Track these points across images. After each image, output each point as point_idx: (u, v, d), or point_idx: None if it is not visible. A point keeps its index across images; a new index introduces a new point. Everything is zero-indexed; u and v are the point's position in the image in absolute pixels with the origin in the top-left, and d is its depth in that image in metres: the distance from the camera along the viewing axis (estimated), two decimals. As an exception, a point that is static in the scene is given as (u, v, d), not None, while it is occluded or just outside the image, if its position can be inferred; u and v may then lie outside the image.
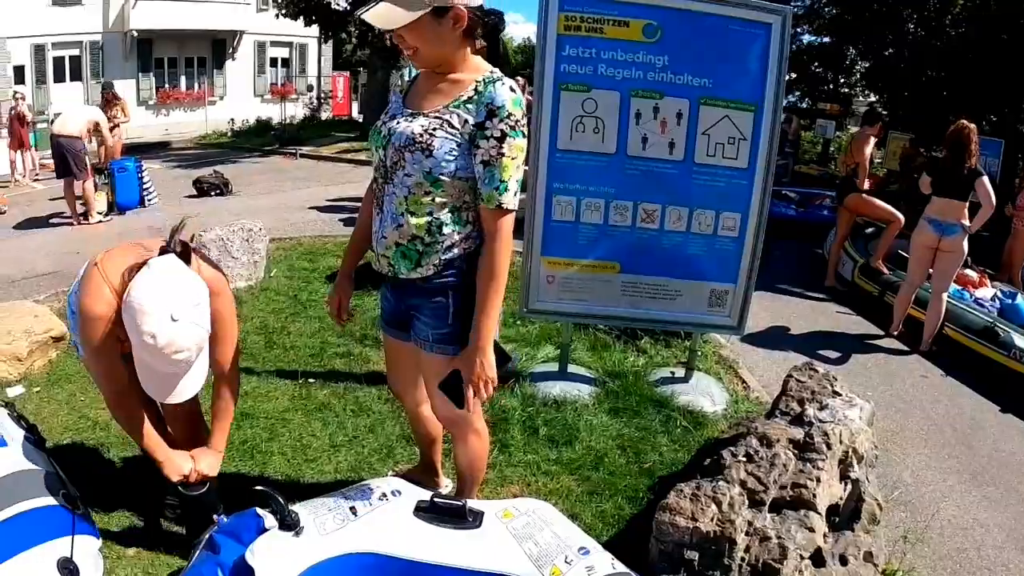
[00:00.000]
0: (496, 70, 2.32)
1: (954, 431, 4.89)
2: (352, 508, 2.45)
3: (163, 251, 2.46)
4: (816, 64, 22.09)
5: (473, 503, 2.48)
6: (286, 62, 31.30)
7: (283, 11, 20.04)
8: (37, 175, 16.32)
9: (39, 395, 4.51)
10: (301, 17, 20.01)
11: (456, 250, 2.37)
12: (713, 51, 3.95)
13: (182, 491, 2.77)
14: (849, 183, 8.04)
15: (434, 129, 2.24)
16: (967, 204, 6.13)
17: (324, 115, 27.99)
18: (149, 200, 11.73)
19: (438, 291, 2.41)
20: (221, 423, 2.87)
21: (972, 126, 6.19)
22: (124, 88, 24.96)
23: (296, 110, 27.99)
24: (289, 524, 2.31)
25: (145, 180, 11.71)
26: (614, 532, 3.15)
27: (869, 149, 7.98)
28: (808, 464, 2.77)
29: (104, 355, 2.52)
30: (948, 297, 6.38)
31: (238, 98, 28.51)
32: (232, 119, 25.07)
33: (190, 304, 2.33)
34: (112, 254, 2.55)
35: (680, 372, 4.71)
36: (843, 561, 2.59)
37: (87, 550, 2.51)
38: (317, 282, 6.76)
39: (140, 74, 26.48)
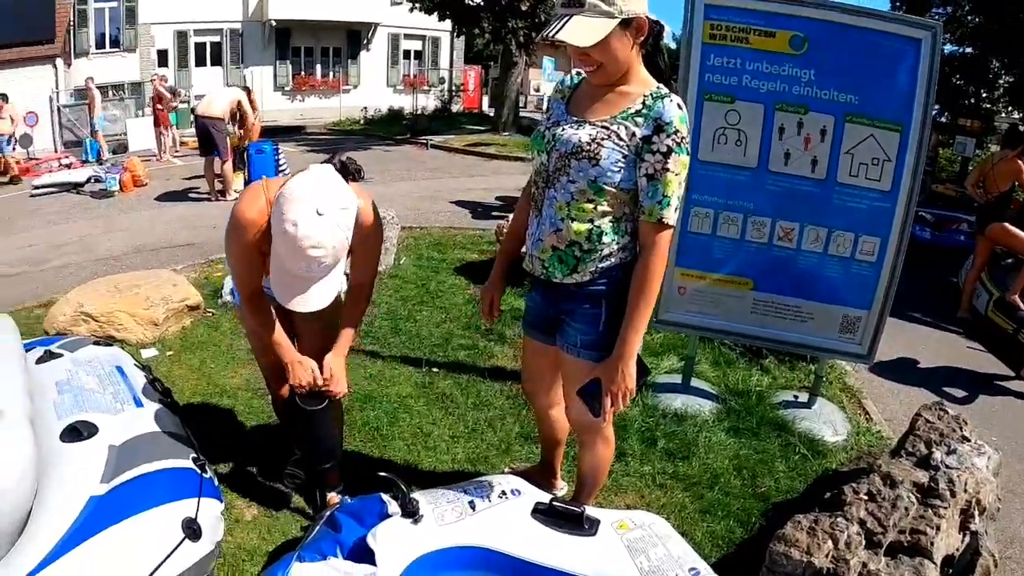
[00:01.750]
0: (662, 86, 2.30)
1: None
2: (471, 503, 2.49)
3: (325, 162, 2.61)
4: (957, 76, 20.92)
5: (591, 511, 2.49)
6: (419, 54, 32.04)
7: (418, 5, 20.44)
8: (177, 152, 17.32)
9: (171, 359, 4.76)
10: (436, 12, 20.40)
11: (613, 259, 2.39)
12: (860, 66, 3.79)
13: (302, 405, 2.79)
14: (992, 210, 7.60)
15: (602, 139, 2.25)
16: None
17: (454, 108, 28.44)
18: None
19: (591, 298, 2.43)
20: (344, 339, 2.91)
21: None
22: (261, 74, 26.37)
23: (427, 101, 28.57)
24: (410, 512, 2.36)
25: (281, 162, 12.07)
26: (723, 554, 3.09)
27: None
28: (930, 510, 2.64)
29: (245, 258, 2.66)
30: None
31: (371, 88, 29.42)
32: (365, 108, 25.86)
33: (337, 206, 2.38)
34: (277, 179, 2.68)
35: (803, 396, 4.56)
36: None
37: (211, 512, 2.63)
38: (445, 272, 6.87)
39: (277, 61, 27.72)
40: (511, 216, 2.95)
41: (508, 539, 2.39)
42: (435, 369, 4.71)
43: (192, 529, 2.49)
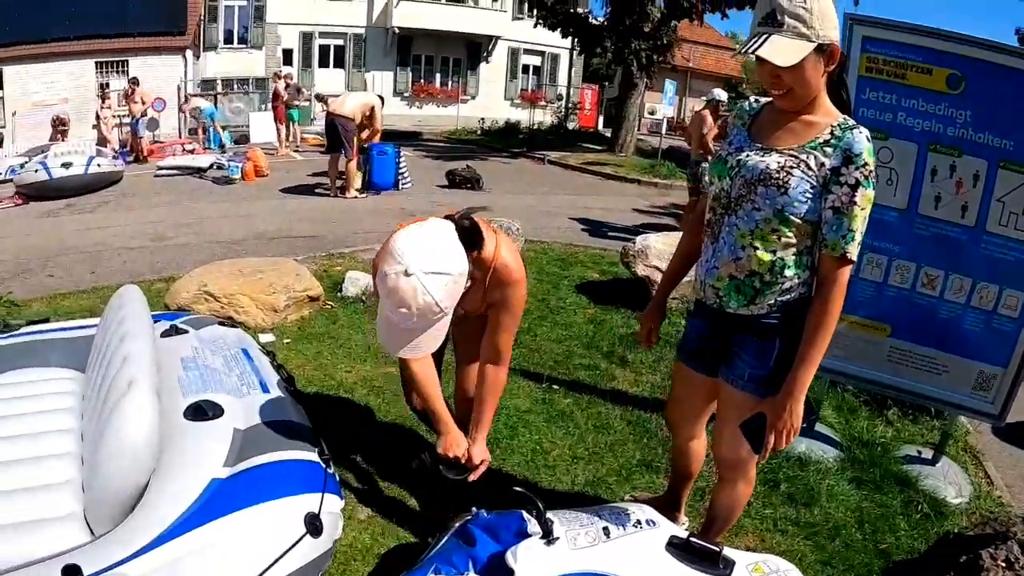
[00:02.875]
0: (848, 117, 2.25)
1: None
2: (606, 529, 2.43)
3: (448, 217, 2.56)
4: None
5: (727, 551, 2.41)
6: (537, 70, 32.53)
7: (541, 21, 20.68)
8: (297, 147, 17.92)
9: (288, 347, 4.86)
10: (559, 28, 20.61)
11: (793, 293, 2.33)
12: (1017, 110, 3.60)
13: (444, 471, 2.82)
14: None
15: (791, 168, 2.20)
16: None
17: (570, 125, 28.50)
18: (403, 184, 12.65)
19: (766, 331, 2.38)
20: (484, 419, 2.90)
21: None
22: (382, 79, 27.17)
23: (543, 117, 29.16)
24: (547, 532, 2.32)
25: (401, 165, 12.61)
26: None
27: None
28: None
29: None
30: None
31: (489, 99, 30.06)
32: (482, 119, 26.33)
33: (429, 268, 2.33)
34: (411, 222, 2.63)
35: (927, 453, 4.34)
36: None
37: (332, 509, 2.61)
38: (566, 289, 6.84)
39: (398, 68, 28.68)
40: (641, 239, 2.89)
41: (641, 571, 2.32)
42: (555, 386, 4.67)
43: (314, 525, 2.47)
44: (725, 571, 2.34)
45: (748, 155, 2.31)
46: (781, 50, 2.09)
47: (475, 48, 29.94)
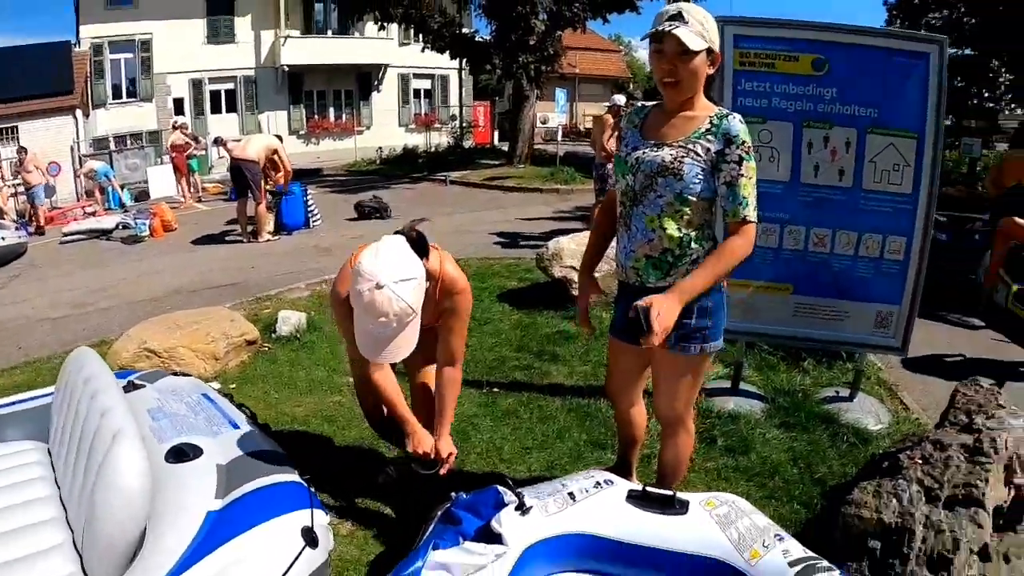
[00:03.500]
0: (722, 107, 2.72)
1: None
2: (571, 494, 2.70)
3: (397, 232, 2.91)
4: (959, 79, 21.27)
5: (680, 494, 2.72)
6: (428, 93, 32.79)
7: (429, 45, 20.91)
8: (200, 197, 17.86)
9: (235, 391, 4.93)
10: (448, 51, 20.96)
11: (701, 262, 2.69)
12: (877, 82, 4.14)
13: (416, 468, 3.11)
14: (1003, 205, 7.92)
15: (682, 157, 2.62)
16: None
17: (466, 144, 28.86)
18: (314, 222, 12.61)
19: None
20: (446, 414, 3.24)
21: None
22: (276, 119, 26.93)
23: (440, 139, 29.29)
24: (521, 504, 2.58)
25: (310, 203, 12.60)
26: (794, 532, 3.34)
27: None
28: (978, 467, 2.93)
29: (349, 331, 2.95)
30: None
31: (384, 128, 30.06)
32: (380, 148, 26.28)
33: (397, 277, 2.66)
34: (357, 252, 2.93)
35: (844, 392, 4.86)
36: (1007, 559, 2.74)
37: (321, 522, 2.77)
38: (489, 300, 7.16)
39: (291, 106, 28.44)
40: (553, 242, 3.23)
41: (609, 524, 2.62)
42: (495, 389, 4.98)
43: (311, 537, 2.61)
44: (681, 510, 2.65)
45: (644, 152, 2.72)
46: (688, 37, 2.52)
47: (365, 78, 30.08)
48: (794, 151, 4.24)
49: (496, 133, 32.18)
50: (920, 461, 2.98)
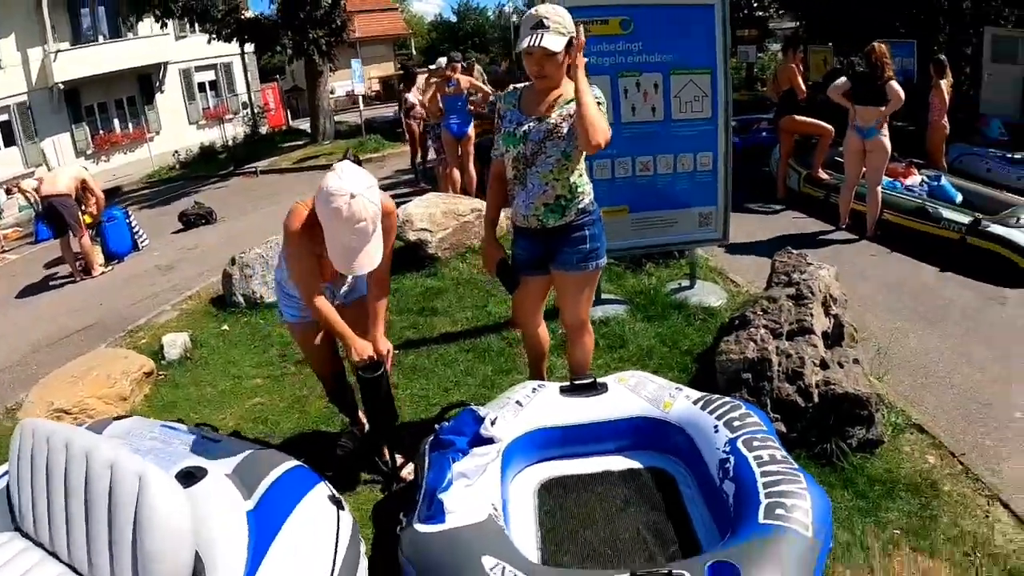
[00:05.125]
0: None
1: (904, 289, 6.23)
2: (518, 402, 3.29)
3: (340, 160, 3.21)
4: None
5: (599, 378, 3.45)
6: (214, 84, 31.17)
7: (215, 35, 19.91)
8: (5, 249, 15.46)
9: None
10: (235, 38, 20.11)
11: (586, 199, 3.56)
12: (674, 33, 5.11)
13: (363, 375, 3.44)
14: (781, 107, 9.32)
15: (561, 122, 3.38)
16: (883, 109, 7.36)
17: (263, 130, 27.91)
18: (142, 243, 11.79)
19: (579, 228, 3.56)
20: (379, 318, 3.57)
21: (883, 47, 7.47)
22: (59, 144, 24.49)
23: (235, 130, 28.11)
24: (492, 419, 3.09)
25: (134, 225, 11.78)
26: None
27: (799, 77, 9.18)
28: (803, 307, 4.05)
29: (308, 268, 3.30)
30: (883, 188, 7.67)
31: (174, 129, 28.42)
32: (176, 152, 24.92)
33: (364, 185, 3.00)
34: (308, 197, 3.25)
35: (685, 283, 5.97)
36: (840, 365, 3.86)
37: (334, 492, 2.97)
38: (354, 279, 7.48)
39: (73, 125, 25.63)
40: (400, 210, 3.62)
41: (555, 416, 3.24)
42: (395, 351, 5.27)
43: (338, 502, 2.86)
44: (603, 389, 3.36)
45: (529, 125, 3.42)
46: (550, 41, 3.18)
47: (146, 81, 28.10)
48: (614, 97, 5.15)
49: (288, 113, 31.50)
50: (761, 312, 4.04)
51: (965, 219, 6.88)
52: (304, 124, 26.63)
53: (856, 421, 3.66)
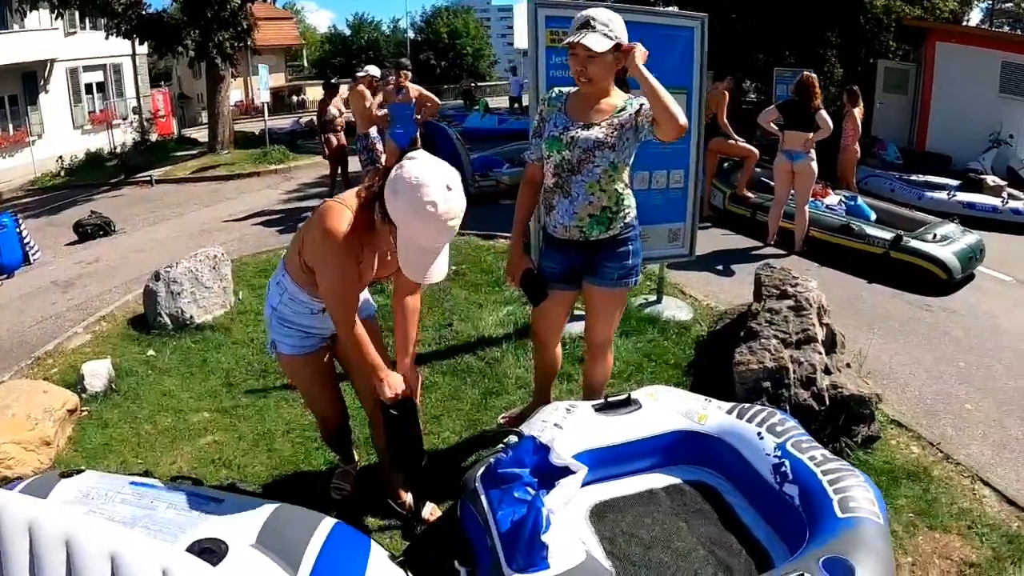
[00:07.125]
0: (630, 93, 3.41)
1: (841, 301, 6.63)
2: (556, 424, 3.11)
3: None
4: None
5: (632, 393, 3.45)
6: (101, 86, 29.55)
7: (114, 31, 18.75)
8: None
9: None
10: (135, 35, 19.18)
11: (631, 214, 3.50)
12: (658, 51, 5.15)
13: (392, 411, 2.95)
14: (709, 130, 9.67)
15: (612, 133, 3.29)
16: (810, 136, 7.97)
17: (152, 137, 26.42)
18: (34, 256, 10.77)
19: (623, 243, 3.50)
20: (411, 344, 3.17)
21: (813, 77, 8.12)
22: None
23: (124, 136, 26.73)
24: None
25: (25, 236, 10.71)
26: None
27: (724, 105, 9.74)
28: (804, 317, 4.29)
29: (352, 274, 2.78)
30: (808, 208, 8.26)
31: (58, 133, 26.66)
32: (60, 157, 23.06)
33: (456, 177, 2.56)
34: (337, 196, 2.83)
35: (652, 298, 6.13)
36: (839, 370, 4.18)
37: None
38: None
39: None
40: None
41: (596, 436, 3.15)
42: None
43: (402, 563, 2.56)
44: (637, 406, 3.32)
45: (577, 132, 3.31)
46: (593, 41, 3.11)
47: (30, 79, 26.00)
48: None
49: (175, 121, 30.15)
50: (767, 324, 4.23)
51: (887, 235, 7.68)
52: (195, 133, 25.69)
53: (860, 420, 4.01)
